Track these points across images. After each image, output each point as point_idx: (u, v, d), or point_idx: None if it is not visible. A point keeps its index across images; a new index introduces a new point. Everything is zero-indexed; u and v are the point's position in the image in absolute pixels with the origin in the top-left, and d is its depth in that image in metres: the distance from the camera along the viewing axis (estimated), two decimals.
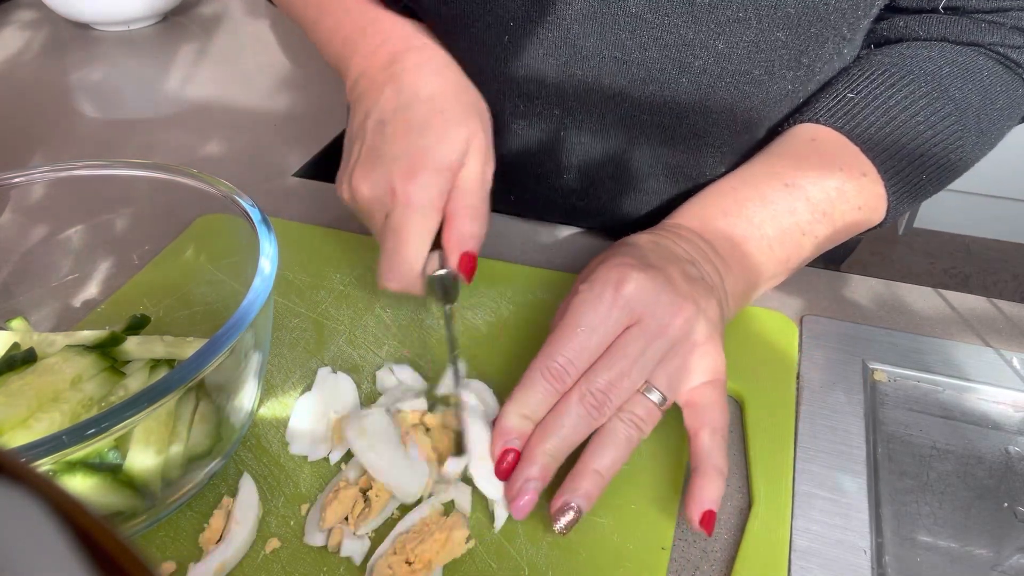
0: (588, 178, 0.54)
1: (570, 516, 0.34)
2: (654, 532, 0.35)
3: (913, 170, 0.45)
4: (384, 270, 0.41)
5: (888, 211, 0.45)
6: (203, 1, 1.05)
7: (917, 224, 2.10)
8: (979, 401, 0.43)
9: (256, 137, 0.71)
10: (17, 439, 0.33)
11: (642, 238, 0.42)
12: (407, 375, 0.42)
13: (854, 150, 0.44)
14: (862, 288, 0.51)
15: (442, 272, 0.41)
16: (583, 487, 0.34)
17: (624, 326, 0.36)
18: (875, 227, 0.47)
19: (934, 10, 0.46)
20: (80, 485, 0.31)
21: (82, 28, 0.96)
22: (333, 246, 0.53)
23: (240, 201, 0.38)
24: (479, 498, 0.36)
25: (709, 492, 0.34)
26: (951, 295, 0.50)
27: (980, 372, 0.44)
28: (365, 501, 0.36)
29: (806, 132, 0.45)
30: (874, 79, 0.45)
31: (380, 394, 0.42)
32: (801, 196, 0.43)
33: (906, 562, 0.35)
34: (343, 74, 0.48)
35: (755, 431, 0.40)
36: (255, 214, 0.37)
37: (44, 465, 0.27)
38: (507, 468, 0.35)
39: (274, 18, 1.00)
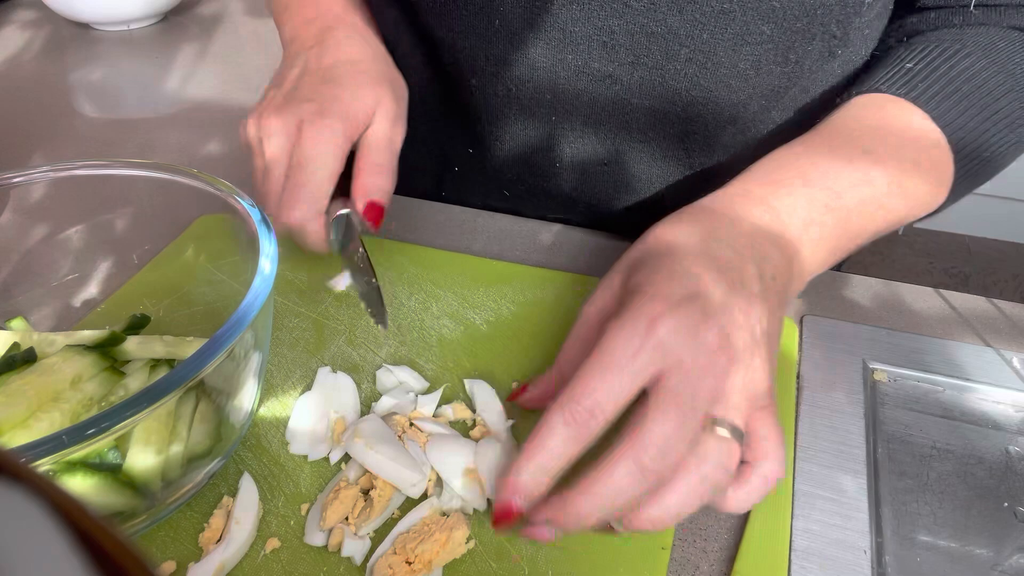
0: (580, 166, 0.54)
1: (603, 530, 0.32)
2: (654, 532, 0.35)
3: (979, 145, 0.42)
4: (286, 200, 0.42)
5: (950, 190, 0.42)
6: (203, 1, 1.05)
7: (917, 224, 2.10)
8: (979, 401, 0.43)
9: None
10: (17, 439, 0.33)
11: (686, 239, 0.35)
12: (407, 375, 0.42)
13: (922, 119, 0.41)
14: (862, 288, 0.51)
15: (344, 211, 0.43)
16: (633, 524, 0.31)
17: (657, 370, 0.31)
18: (932, 213, 0.44)
19: (965, 6, 0.44)
20: (80, 485, 0.31)
21: (82, 28, 0.96)
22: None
23: (240, 201, 0.38)
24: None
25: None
26: (951, 295, 0.50)
27: (980, 372, 0.44)
28: (366, 501, 0.36)
29: (871, 101, 0.42)
30: (929, 51, 0.43)
31: (380, 394, 0.42)
32: (879, 164, 0.39)
33: (906, 562, 0.35)
34: (282, 44, 0.53)
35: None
36: (255, 214, 0.37)
37: (44, 465, 0.27)
38: (501, 522, 0.31)
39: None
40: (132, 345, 0.41)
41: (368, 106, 0.44)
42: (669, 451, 0.30)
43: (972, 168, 0.43)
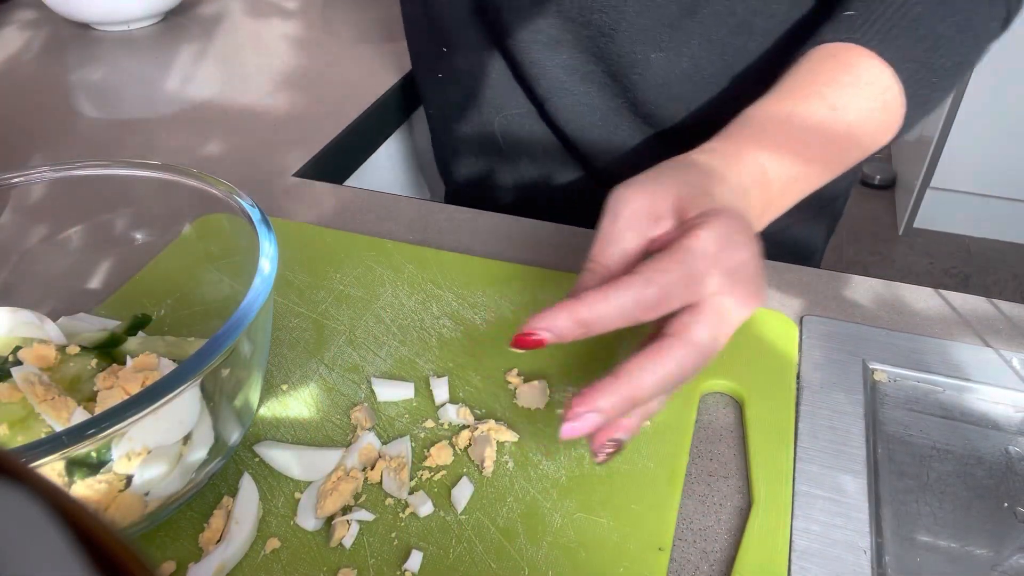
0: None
1: (614, 451, 0.33)
2: (654, 532, 0.35)
3: (925, 72, 0.45)
4: None
5: (904, 118, 0.45)
6: (203, 1, 1.05)
7: (917, 224, 2.11)
8: (979, 401, 0.43)
9: (256, 137, 0.71)
10: (17, 439, 0.33)
11: (726, 197, 0.37)
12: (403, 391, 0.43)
13: (868, 57, 0.44)
14: (862, 288, 0.51)
15: None
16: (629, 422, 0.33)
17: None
18: (893, 139, 0.47)
19: None
20: (80, 485, 0.31)
21: (82, 28, 0.96)
22: (333, 246, 0.53)
23: (240, 201, 0.38)
24: (479, 496, 0.36)
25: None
26: (951, 295, 0.50)
27: (980, 372, 0.44)
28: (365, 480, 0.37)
29: (823, 52, 0.45)
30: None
31: (378, 399, 0.42)
32: (842, 120, 0.43)
33: (906, 562, 0.35)
34: None
35: (755, 431, 0.40)
36: (255, 214, 0.37)
37: (44, 465, 0.27)
38: (522, 342, 0.32)
39: (274, 18, 1.00)
40: (132, 345, 0.41)
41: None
42: (671, 293, 0.31)
43: (921, 95, 0.46)
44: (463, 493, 0.36)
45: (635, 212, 0.35)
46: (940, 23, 0.45)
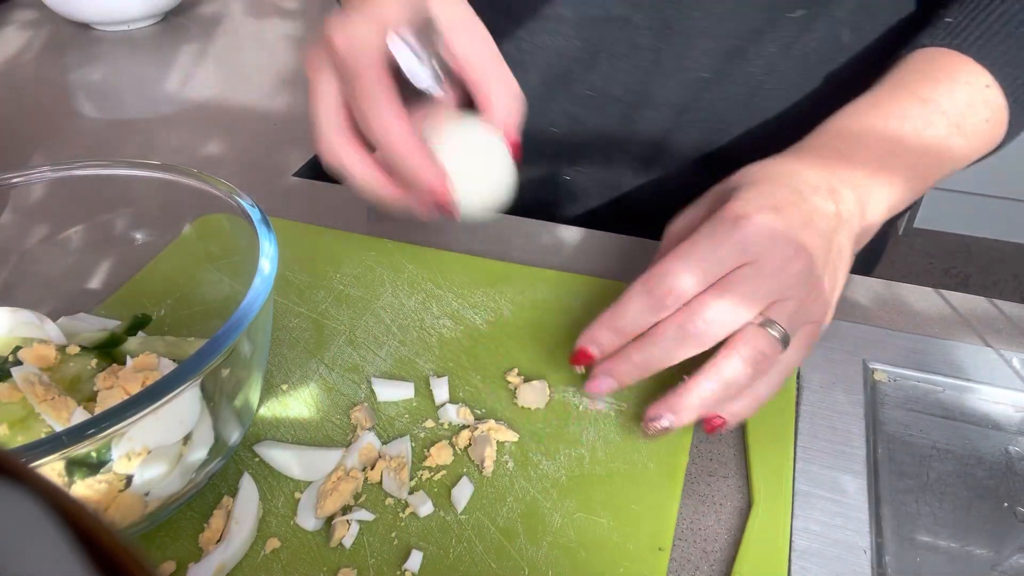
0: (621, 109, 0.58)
1: (659, 428, 0.36)
2: (654, 532, 0.35)
3: None
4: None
5: (1008, 126, 0.45)
6: (203, 1, 1.05)
7: (917, 224, 2.10)
8: (979, 401, 0.43)
9: (256, 137, 0.71)
10: (17, 439, 0.33)
11: (774, 170, 0.40)
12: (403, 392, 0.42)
13: (971, 63, 0.44)
14: (862, 288, 0.51)
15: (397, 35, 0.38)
16: (679, 408, 0.35)
17: (736, 265, 0.35)
18: (996, 148, 0.47)
19: None
20: (80, 485, 0.31)
21: (82, 28, 0.96)
22: (333, 246, 0.53)
23: (240, 201, 0.38)
24: (479, 496, 0.36)
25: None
26: (951, 295, 0.50)
27: (980, 372, 0.44)
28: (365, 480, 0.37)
29: (920, 56, 0.45)
30: (965, 4, 0.45)
31: (378, 399, 0.42)
32: (936, 110, 0.42)
33: (906, 562, 0.35)
34: None
35: (755, 431, 0.40)
36: (255, 214, 0.37)
37: (44, 465, 0.27)
38: (577, 360, 0.38)
39: (274, 18, 1.00)
40: (132, 345, 0.41)
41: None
42: (717, 324, 0.34)
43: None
44: (463, 493, 0.36)
45: (673, 232, 0.40)
46: None
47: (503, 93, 0.40)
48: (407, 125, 0.37)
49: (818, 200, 0.37)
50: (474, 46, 0.39)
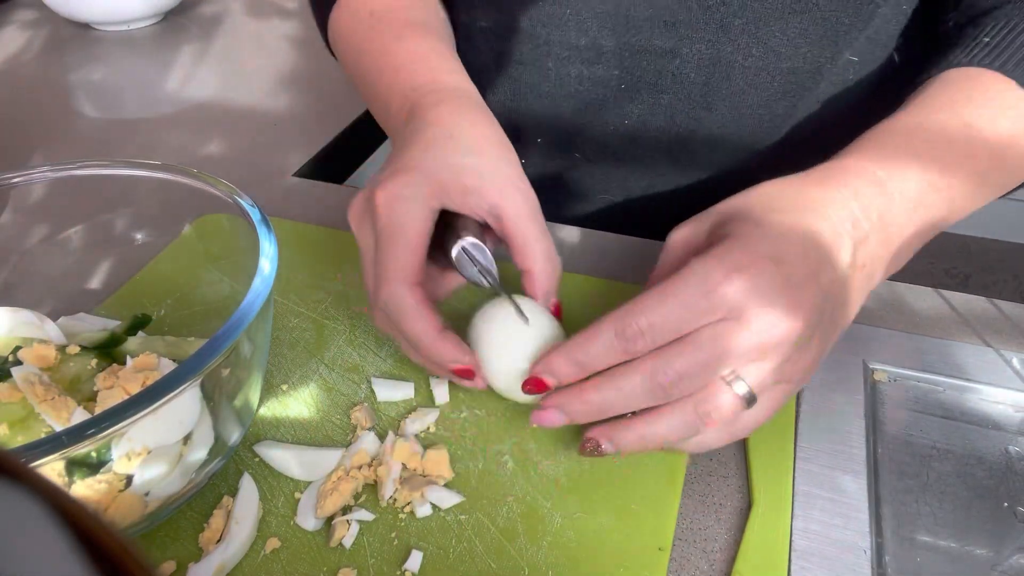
0: (638, 141, 0.57)
1: (597, 452, 0.35)
2: (654, 532, 0.35)
3: None
4: (373, 279, 0.38)
5: None
6: (203, 1, 1.05)
7: None
8: (979, 401, 0.43)
9: (256, 137, 0.71)
10: (17, 439, 0.33)
11: (794, 199, 0.36)
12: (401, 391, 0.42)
13: (1012, 88, 0.41)
14: None
15: (465, 243, 0.38)
16: (621, 441, 0.34)
17: (720, 318, 0.32)
18: None
19: None
20: (80, 485, 0.31)
21: (82, 28, 0.96)
22: (333, 246, 0.53)
23: (240, 201, 0.38)
24: (479, 496, 0.36)
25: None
26: (951, 295, 0.50)
27: (980, 372, 0.44)
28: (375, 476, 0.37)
29: (957, 75, 0.42)
30: (1001, 27, 0.43)
31: (378, 399, 0.42)
32: (978, 138, 0.39)
33: (906, 562, 0.35)
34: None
35: (755, 431, 0.40)
36: (255, 214, 0.37)
37: (44, 465, 0.27)
38: (531, 389, 0.35)
39: (274, 18, 1.00)
40: (132, 345, 0.41)
41: (458, 164, 0.38)
42: (686, 380, 0.32)
43: None
44: (450, 496, 0.36)
45: (673, 244, 0.38)
46: None
47: (544, 261, 0.39)
48: (431, 323, 0.37)
49: (832, 246, 0.34)
50: (519, 208, 0.39)
